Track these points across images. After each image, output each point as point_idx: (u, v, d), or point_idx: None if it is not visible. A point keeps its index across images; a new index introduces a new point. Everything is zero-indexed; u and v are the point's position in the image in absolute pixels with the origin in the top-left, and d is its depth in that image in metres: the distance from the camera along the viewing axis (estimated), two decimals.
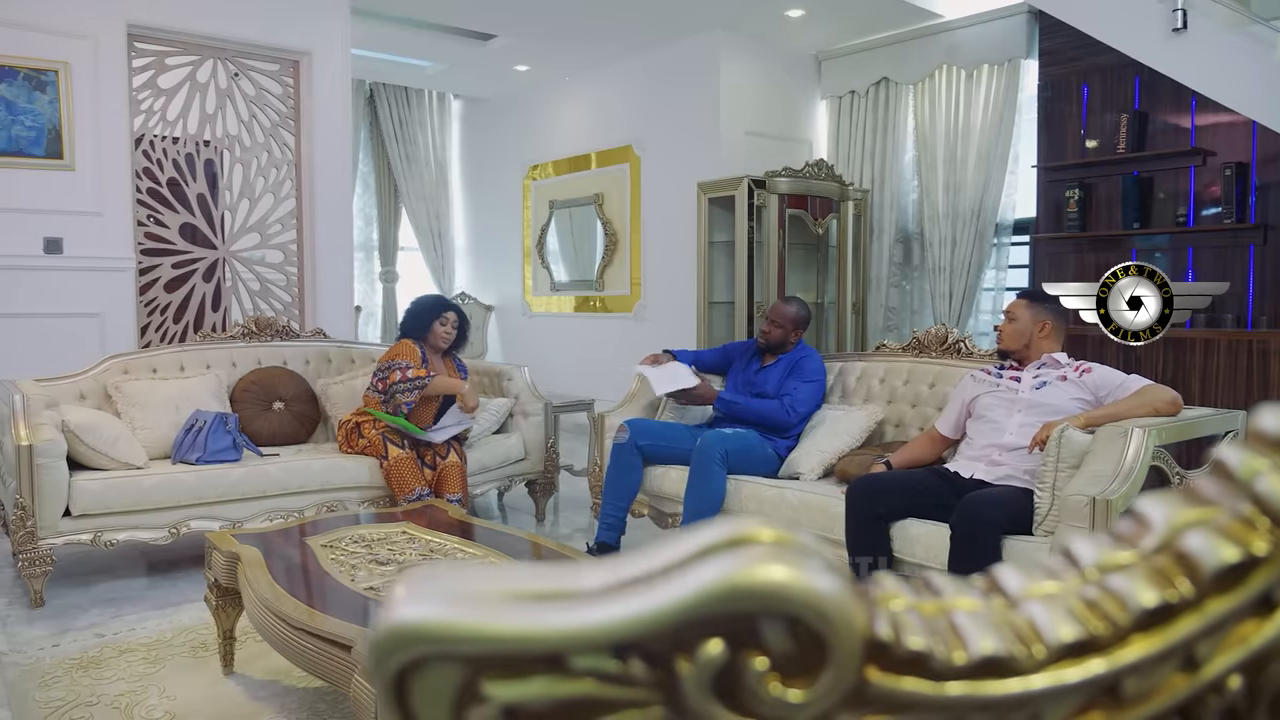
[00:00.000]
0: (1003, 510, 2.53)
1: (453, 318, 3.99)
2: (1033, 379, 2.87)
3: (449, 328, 3.96)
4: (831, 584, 0.31)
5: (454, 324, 3.98)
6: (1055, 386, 2.81)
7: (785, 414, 3.49)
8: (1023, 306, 2.98)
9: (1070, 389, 2.79)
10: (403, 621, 0.30)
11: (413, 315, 4.00)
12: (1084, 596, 0.34)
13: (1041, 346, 2.93)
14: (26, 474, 3.04)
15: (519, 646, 0.30)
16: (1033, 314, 2.95)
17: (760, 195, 5.50)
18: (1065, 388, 2.80)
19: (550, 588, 0.31)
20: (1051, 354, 2.91)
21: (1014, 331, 2.96)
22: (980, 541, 2.49)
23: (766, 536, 0.32)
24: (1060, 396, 2.78)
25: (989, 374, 3.02)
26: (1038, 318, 2.95)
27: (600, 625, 0.30)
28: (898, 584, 0.34)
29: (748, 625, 0.30)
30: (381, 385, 3.73)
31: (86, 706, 2.35)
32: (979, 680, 0.32)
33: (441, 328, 3.94)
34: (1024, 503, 2.59)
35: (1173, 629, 0.33)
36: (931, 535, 2.65)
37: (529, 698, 0.31)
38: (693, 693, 0.30)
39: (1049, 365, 2.89)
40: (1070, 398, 2.77)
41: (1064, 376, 2.82)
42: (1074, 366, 2.85)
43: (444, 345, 3.97)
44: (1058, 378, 2.83)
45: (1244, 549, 0.33)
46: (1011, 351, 2.98)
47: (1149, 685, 0.33)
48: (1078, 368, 2.84)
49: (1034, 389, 2.84)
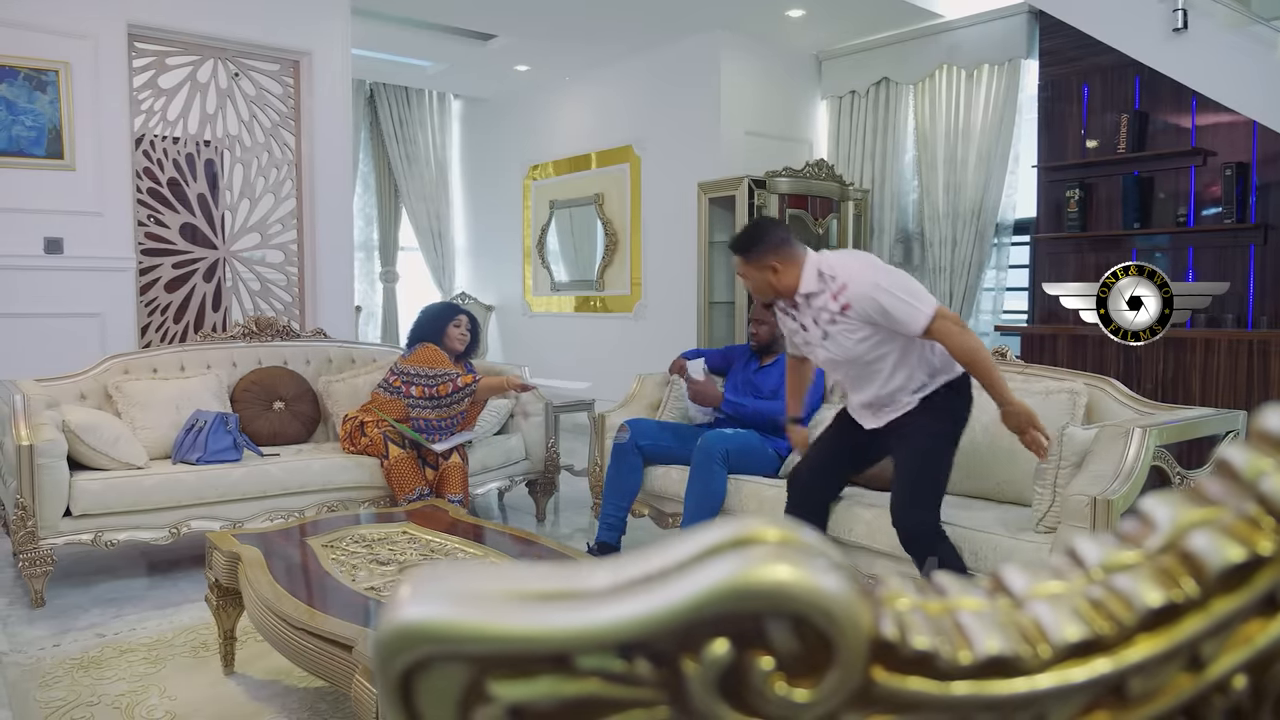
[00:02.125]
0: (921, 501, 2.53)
1: (465, 321, 3.99)
2: (816, 327, 2.58)
3: (463, 330, 3.96)
4: (837, 584, 0.31)
5: (467, 326, 3.98)
6: (836, 336, 2.53)
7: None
8: (742, 264, 2.66)
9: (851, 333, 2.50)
10: (408, 621, 0.30)
11: (427, 321, 3.99)
12: (1089, 596, 0.34)
13: (788, 285, 2.58)
14: (27, 474, 3.04)
15: (525, 646, 0.30)
16: (755, 265, 2.61)
17: (761, 195, 5.50)
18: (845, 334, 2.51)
19: (556, 588, 0.31)
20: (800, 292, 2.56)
21: (754, 287, 2.68)
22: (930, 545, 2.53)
23: (772, 536, 0.32)
24: (847, 345, 2.52)
25: (784, 312, 2.73)
26: (762, 264, 2.59)
27: (606, 625, 0.30)
28: (903, 583, 0.34)
29: (753, 625, 0.31)
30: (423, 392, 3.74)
31: (87, 706, 2.35)
32: (984, 680, 0.32)
33: (456, 330, 3.94)
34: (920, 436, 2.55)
35: (1178, 629, 0.33)
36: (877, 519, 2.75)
37: (535, 697, 0.31)
38: (698, 692, 0.30)
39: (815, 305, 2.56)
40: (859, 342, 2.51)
41: (832, 319, 2.51)
42: (833, 295, 2.50)
43: (459, 348, 3.97)
44: (828, 322, 2.53)
45: (1249, 549, 0.33)
46: (771, 301, 2.74)
47: (1154, 685, 0.33)
48: (837, 295, 2.49)
49: (821, 341, 2.59)
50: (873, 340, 2.49)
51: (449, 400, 3.75)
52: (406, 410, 3.77)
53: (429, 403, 3.73)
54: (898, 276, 2.52)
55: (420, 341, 3.93)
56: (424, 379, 3.74)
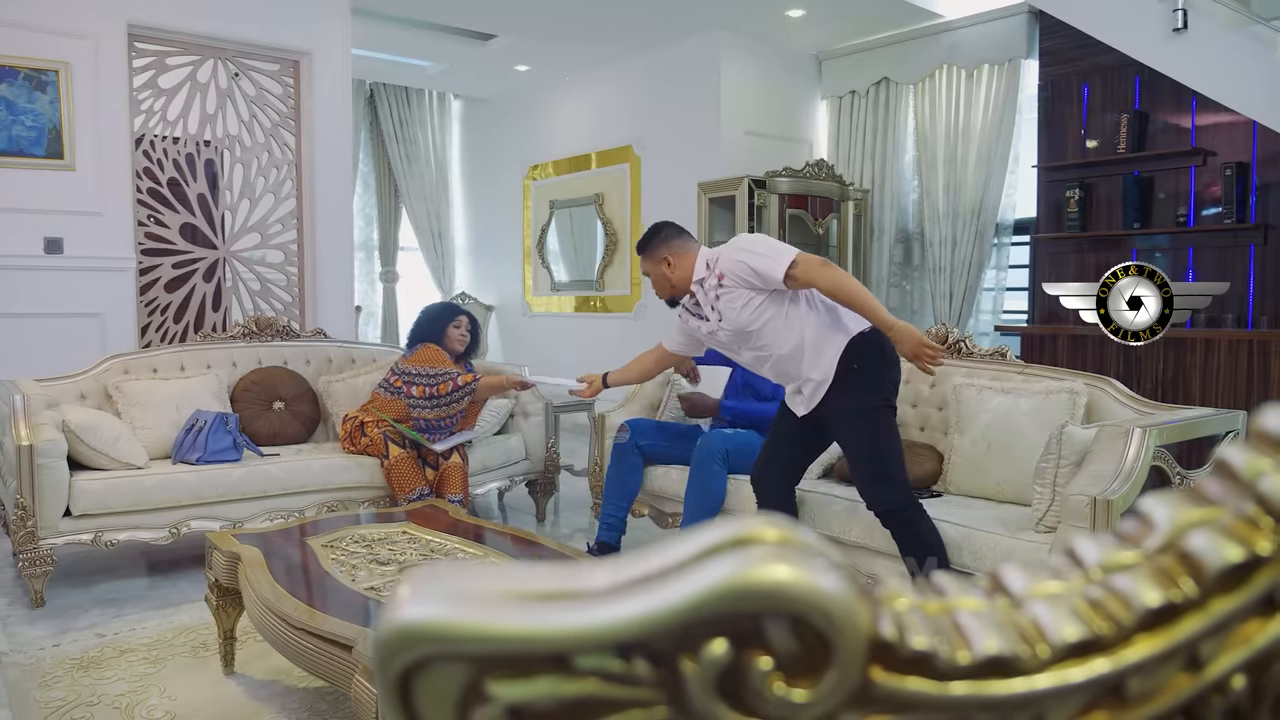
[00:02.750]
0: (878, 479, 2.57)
1: (465, 321, 3.98)
2: (713, 312, 2.67)
3: (463, 330, 3.96)
4: (836, 583, 0.31)
5: (467, 327, 3.98)
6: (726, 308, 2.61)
7: None
8: (642, 262, 2.81)
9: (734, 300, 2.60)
10: (407, 621, 0.30)
11: (427, 321, 3.99)
12: (1088, 596, 0.34)
13: (682, 276, 2.71)
14: (27, 474, 3.04)
15: (524, 646, 0.30)
16: (652, 261, 2.75)
17: (760, 195, 5.50)
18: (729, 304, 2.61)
19: (555, 588, 0.31)
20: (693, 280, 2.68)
21: (655, 284, 2.80)
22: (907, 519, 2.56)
23: (771, 536, 0.32)
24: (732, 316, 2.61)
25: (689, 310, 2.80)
26: (656, 258, 2.74)
27: (605, 625, 0.30)
28: (902, 583, 0.34)
29: (752, 625, 0.31)
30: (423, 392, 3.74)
31: (87, 706, 2.35)
32: (983, 680, 0.32)
33: (456, 330, 3.94)
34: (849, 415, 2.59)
35: (1176, 629, 0.33)
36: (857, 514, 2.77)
37: (534, 697, 0.31)
38: (697, 692, 0.30)
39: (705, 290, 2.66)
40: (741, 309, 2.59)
41: (718, 296, 2.62)
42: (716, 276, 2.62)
43: (459, 349, 3.96)
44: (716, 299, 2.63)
45: (1248, 549, 0.33)
46: (671, 298, 2.81)
47: (1153, 685, 0.33)
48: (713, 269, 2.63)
49: (719, 323, 2.66)
50: (753, 306, 2.59)
51: (449, 399, 3.75)
52: (407, 410, 3.77)
53: (429, 402, 3.73)
54: (759, 238, 2.71)
55: (421, 342, 3.92)
56: (425, 378, 3.74)
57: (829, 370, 2.61)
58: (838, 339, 2.61)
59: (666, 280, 2.75)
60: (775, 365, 2.69)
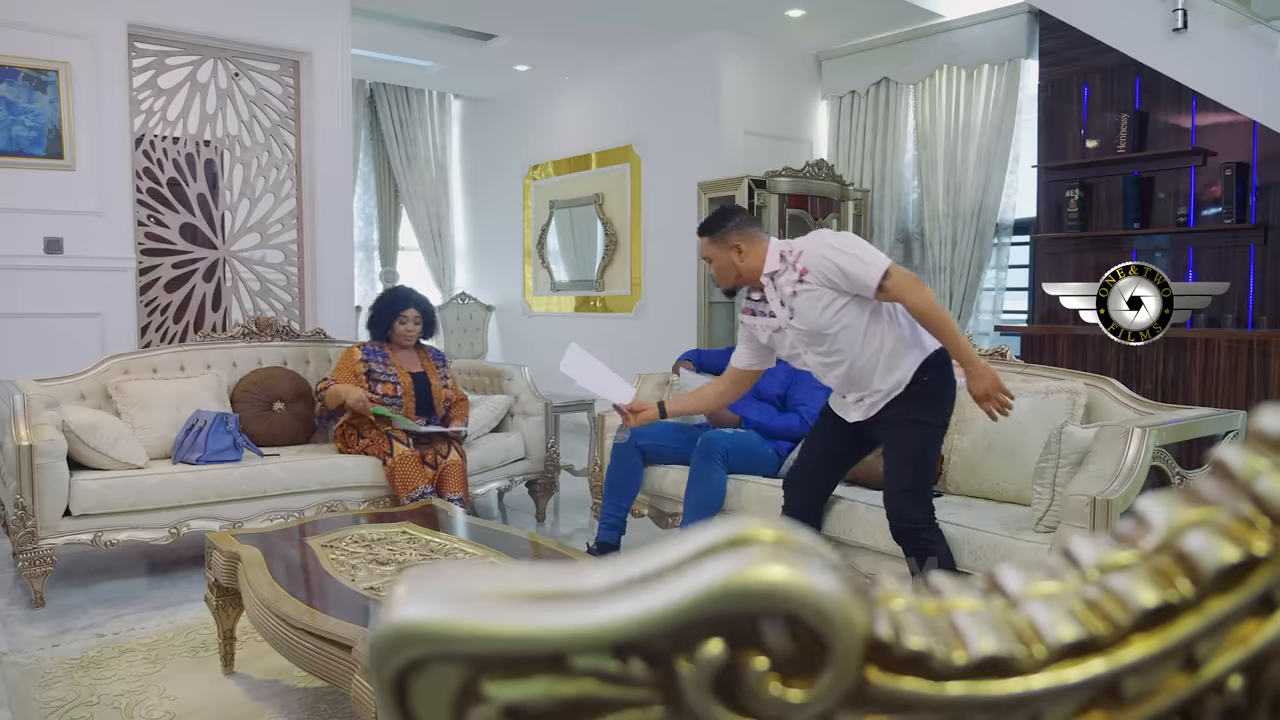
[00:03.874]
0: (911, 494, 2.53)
1: (413, 314, 3.96)
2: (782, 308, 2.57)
3: (409, 325, 3.95)
4: (832, 584, 0.31)
5: (415, 320, 3.96)
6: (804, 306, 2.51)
7: (804, 425, 3.51)
8: (706, 244, 2.66)
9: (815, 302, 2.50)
10: (404, 621, 0.30)
11: (374, 317, 4.00)
12: (1084, 597, 0.33)
13: (752, 266, 2.60)
14: (27, 474, 3.04)
15: (520, 646, 0.30)
16: (720, 245, 2.62)
17: (760, 195, 5.50)
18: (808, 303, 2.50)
19: (551, 588, 0.31)
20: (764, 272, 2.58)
21: (718, 270, 2.67)
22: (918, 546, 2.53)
23: (767, 536, 0.32)
24: (811, 315, 2.50)
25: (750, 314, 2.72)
26: (726, 244, 2.61)
27: (601, 625, 0.30)
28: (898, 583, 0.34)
29: (748, 625, 0.30)
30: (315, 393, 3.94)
31: (87, 706, 2.36)
32: (979, 680, 0.32)
33: (401, 326, 3.94)
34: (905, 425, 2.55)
35: (1173, 629, 0.33)
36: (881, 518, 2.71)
37: (530, 698, 0.31)
38: (693, 693, 0.30)
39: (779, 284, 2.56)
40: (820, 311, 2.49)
41: (795, 291, 2.51)
42: (795, 265, 2.52)
43: (408, 343, 3.97)
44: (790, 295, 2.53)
45: (1244, 549, 0.33)
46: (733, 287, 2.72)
47: (1149, 685, 0.33)
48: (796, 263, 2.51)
49: (790, 320, 2.56)
50: (835, 307, 2.49)
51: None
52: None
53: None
54: (849, 237, 2.57)
55: (374, 334, 4.00)
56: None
57: (902, 381, 2.55)
58: (915, 354, 2.55)
59: (734, 268, 2.62)
60: (846, 373, 2.58)
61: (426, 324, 4.03)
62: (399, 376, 3.86)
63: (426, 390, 3.92)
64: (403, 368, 3.91)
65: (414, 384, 3.90)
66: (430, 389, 3.92)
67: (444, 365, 4.09)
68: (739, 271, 2.62)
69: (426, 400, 3.91)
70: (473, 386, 4.60)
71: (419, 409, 3.89)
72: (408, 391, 3.86)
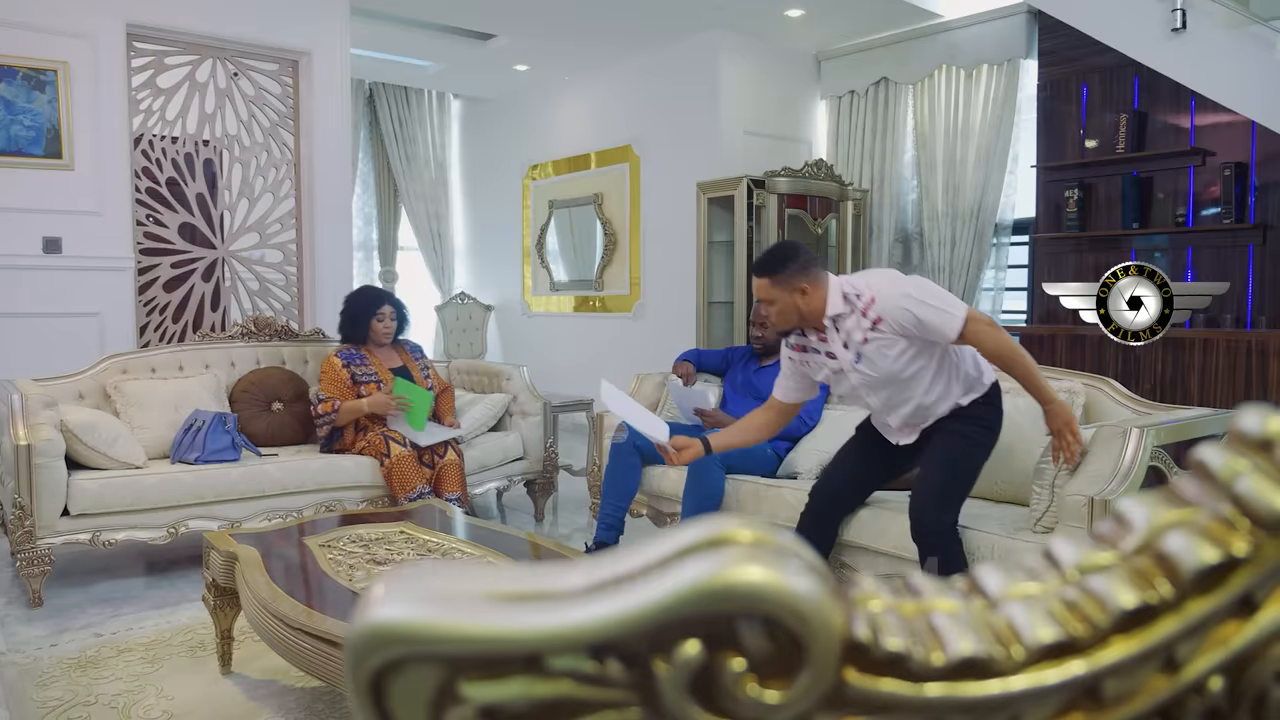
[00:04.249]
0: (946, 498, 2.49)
1: (389, 311, 3.95)
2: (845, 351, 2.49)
3: (386, 323, 3.94)
4: (809, 585, 0.30)
5: (391, 317, 3.95)
6: (871, 353, 2.44)
7: (802, 425, 3.51)
8: (768, 286, 2.49)
9: (887, 350, 2.43)
10: (380, 621, 0.30)
11: (349, 320, 3.97)
12: (1064, 598, 0.33)
13: (815, 309, 2.47)
14: (25, 474, 3.04)
15: (496, 647, 0.30)
16: (784, 288, 2.47)
17: (759, 195, 5.49)
18: (881, 351, 2.43)
19: (528, 588, 0.31)
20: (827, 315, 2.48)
21: (779, 313, 2.51)
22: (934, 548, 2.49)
23: (745, 537, 0.32)
24: (884, 362, 2.44)
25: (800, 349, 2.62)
26: (791, 286, 2.46)
27: (577, 626, 0.30)
28: (877, 584, 0.34)
29: (725, 626, 0.30)
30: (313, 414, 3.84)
31: (84, 706, 2.35)
32: (958, 681, 0.32)
33: (380, 324, 3.93)
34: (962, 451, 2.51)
35: (1153, 630, 0.33)
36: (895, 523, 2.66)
37: (507, 699, 0.30)
38: (670, 693, 0.30)
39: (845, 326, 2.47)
40: (897, 358, 2.44)
41: (864, 338, 2.44)
42: (863, 311, 2.43)
43: (385, 341, 3.96)
44: (859, 341, 2.45)
45: (1224, 550, 0.33)
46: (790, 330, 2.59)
47: (1129, 687, 0.33)
48: (866, 311, 2.43)
49: (854, 365, 2.48)
50: (908, 355, 2.43)
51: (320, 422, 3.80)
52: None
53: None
54: (924, 284, 2.46)
55: (348, 335, 3.95)
56: (314, 399, 3.86)
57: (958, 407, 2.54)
58: (978, 389, 2.55)
59: (796, 311, 2.47)
60: (913, 412, 2.55)
61: (400, 319, 4.02)
62: (380, 374, 3.86)
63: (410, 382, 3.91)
64: (382, 365, 3.90)
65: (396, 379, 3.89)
66: (413, 381, 3.92)
67: (422, 356, 4.10)
68: (802, 315, 2.49)
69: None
70: (471, 386, 4.60)
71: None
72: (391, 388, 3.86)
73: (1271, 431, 0.33)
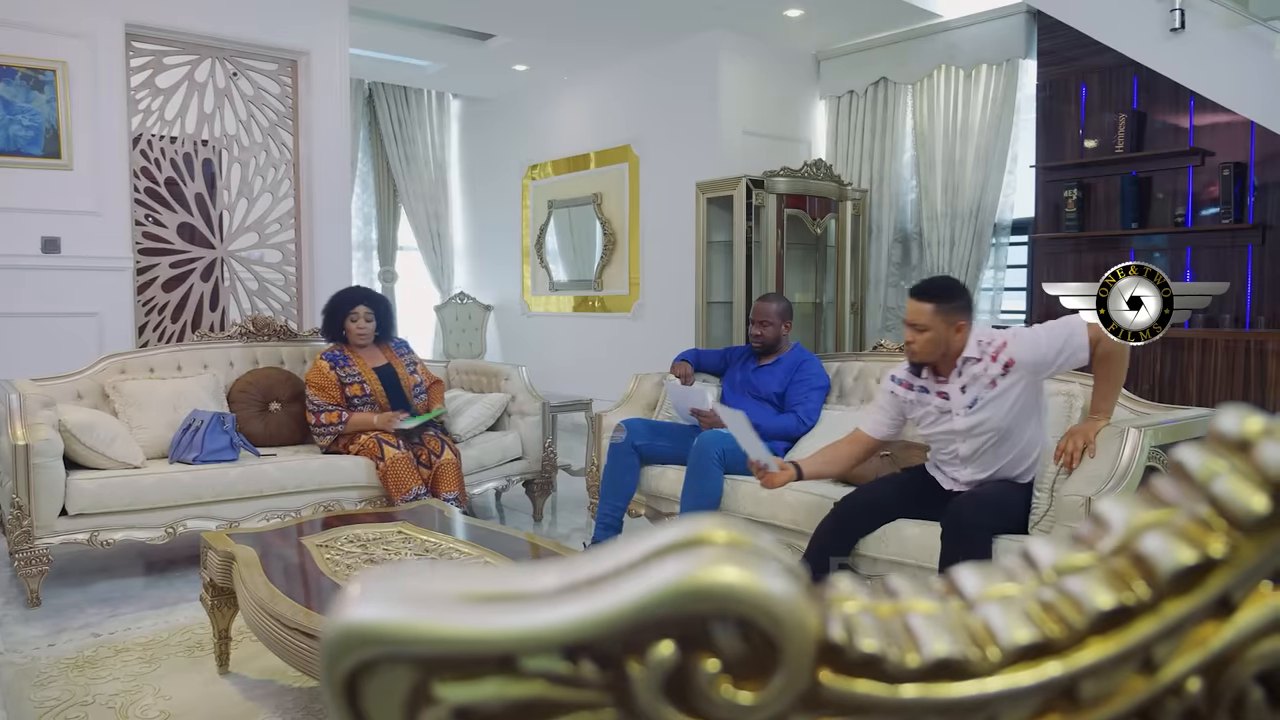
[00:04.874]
0: (992, 510, 2.50)
1: (363, 311, 3.89)
2: (962, 395, 2.54)
3: (361, 323, 3.88)
4: (784, 586, 0.30)
5: (366, 316, 3.89)
6: (990, 400, 2.50)
7: (800, 425, 3.51)
8: (930, 313, 2.51)
9: (1006, 395, 2.49)
10: (355, 622, 0.30)
11: (326, 321, 3.95)
12: (1040, 599, 0.33)
13: (957, 348, 2.53)
14: (23, 473, 3.04)
15: (469, 648, 0.30)
16: (945, 319, 2.51)
17: (758, 195, 5.49)
18: (1001, 396, 2.49)
19: (502, 589, 0.31)
20: (964, 355, 2.54)
21: (928, 342, 2.52)
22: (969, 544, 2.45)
23: (721, 538, 0.31)
24: (998, 413, 2.50)
25: (908, 387, 2.68)
26: (951, 319, 2.51)
27: (550, 626, 0.30)
28: (854, 586, 0.34)
29: (700, 627, 0.30)
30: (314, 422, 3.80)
31: (81, 706, 2.35)
32: (933, 683, 0.32)
33: (354, 324, 3.88)
34: (1016, 498, 2.56)
35: (1130, 631, 0.33)
36: (923, 536, 2.65)
37: (481, 699, 0.30)
38: (644, 694, 0.30)
39: (972, 367, 2.53)
40: (1010, 406, 2.49)
41: (993, 382, 2.49)
42: (993, 356, 2.50)
43: (363, 342, 3.91)
44: (986, 386, 2.50)
45: (1200, 551, 0.33)
46: (927, 363, 2.60)
47: (1107, 688, 0.33)
48: (996, 356, 2.49)
49: (967, 409, 2.53)
50: (1017, 408, 2.49)
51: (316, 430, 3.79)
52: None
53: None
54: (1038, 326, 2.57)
55: (328, 336, 3.93)
56: (312, 405, 3.80)
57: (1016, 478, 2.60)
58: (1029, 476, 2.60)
59: (945, 344, 2.52)
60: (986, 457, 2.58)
61: (381, 319, 3.96)
62: (364, 374, 3.84)
63: (395, 381, 3.90)
64: (366, 365, 3.88)
65: (380, 378, 3.88)
66: (399, 379, 3.91)
67: (409, 352, 4.08)
68: (946, 350, 2.53)
69: (397, 391, 3.89)
70: (470, 386, 4.60)
71: (391, 401, 3.86)
72: (376, 387, 3.85)
73: (1249, 432, 0.33)
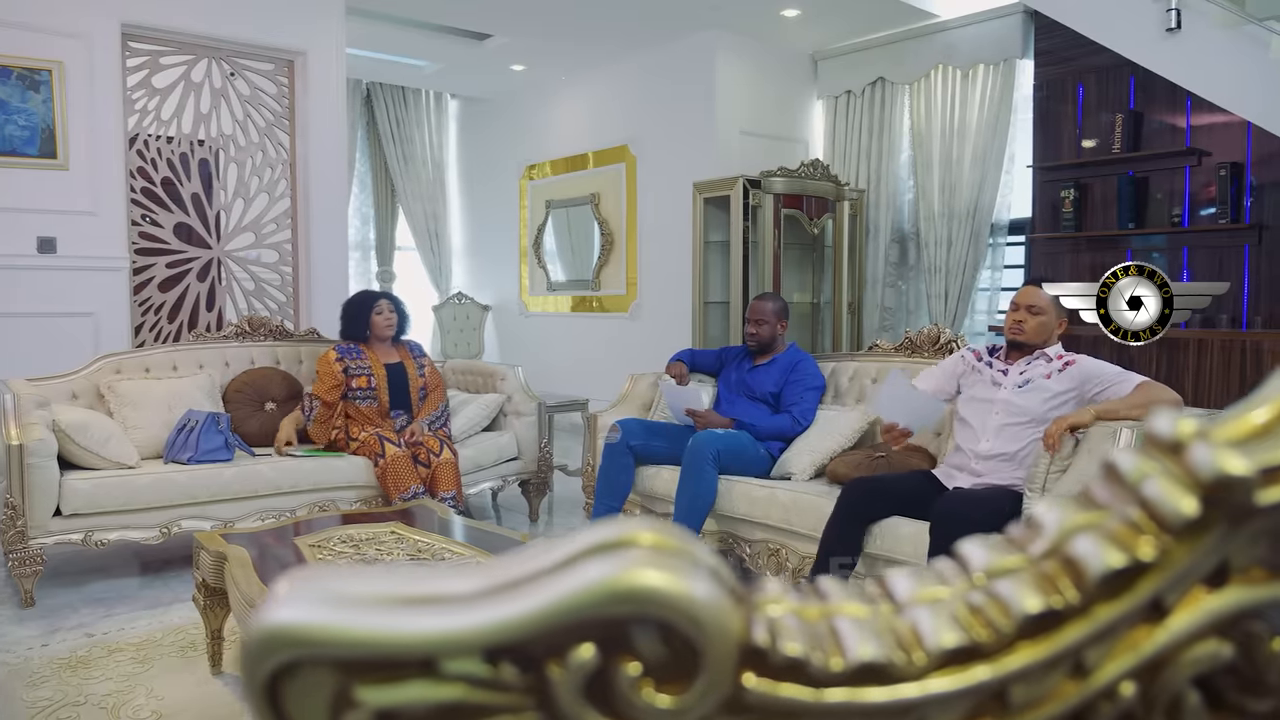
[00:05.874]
0: (982, 509, 2.52)
1: (387, 304, 4.01)
2: (1019, 376, 2.81)
3: (386, 315, 3.98)
4: (706, 589, 0.30)
5: (390, 310, 4.00)
6: (1037, 387, 2.76)
7: (795, 425, 3.50)
8: (1051, 303, 2.87)
9: (1052, 386, 2.74)
10: (275, 624, 0.30)
11: (349, 316, 4.03)
12: (969, 602, 0.33)
13: (1052, 343, 2.86)
14: (17, 473, 3.04)
15: (389, 651, 0.30)
16: (1059, 311, 2.89)
17: (756, 195, 5.49)
18: (1047, 387, 2.75)
19: (424, 591, 0.31)
20: (1045, 352, 2.83)
21: (1040, 325, 2.83)
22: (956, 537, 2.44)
23: (646, 540, 0.31)
24: (1037, 399, 2.74)
25: (978, 357, 2.97)
26: (1062, 313, 2.90)
27: (469, 629, 0.30)
28: (782, 588, 0.34)
29: (622, 630, 0.30)
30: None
31: (73, 706, 2.35)
32: (859, 687, 0.31)
33: (379, 317, 3.97)
34: (1005, 503, 2.58)
35: (1059, 635, 0.33)
36: (919, 534, 2.65)
37: (403, 703, 0.30)
38: (565, 698, 0.30)
39: (1040, 361, 2.81)
40: (1047, 400, 2.73)
41: (1049, 374, 2.76)
42: (1059, 357, 2.80)
43: (388, 334, 4.00)
44: (1042, 375, 2.77)
45: (1130, 554, 0.33)
46: (1027, 345, 2.85)
47: (1038, 692, 0.33)
48: (1061, 357, 2.80)
49: (1017, 388, 2.79)
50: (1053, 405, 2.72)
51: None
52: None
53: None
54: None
55: (351, 335, 4.00)
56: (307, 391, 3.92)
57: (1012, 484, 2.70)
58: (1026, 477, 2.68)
59: (1051, 334, 2.85)
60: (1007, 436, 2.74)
61: (400, 318, 4.06)
62: (373, 368, 3.90)
63: (403, 380, 3.96)
64: (378, 360, 3.95)
65: (389, 375, 3.94)
66: (407, 378, 3.97)
67: (422, 355, 4.14)
68: (1046, 338, 2.84)
69: (402, 389, 3.95)
70: (466, 386, 4.60)
71: (394, 399, 3.93)
72: (382, 383, 3.91)
73: (1182, 434, 0.33)
